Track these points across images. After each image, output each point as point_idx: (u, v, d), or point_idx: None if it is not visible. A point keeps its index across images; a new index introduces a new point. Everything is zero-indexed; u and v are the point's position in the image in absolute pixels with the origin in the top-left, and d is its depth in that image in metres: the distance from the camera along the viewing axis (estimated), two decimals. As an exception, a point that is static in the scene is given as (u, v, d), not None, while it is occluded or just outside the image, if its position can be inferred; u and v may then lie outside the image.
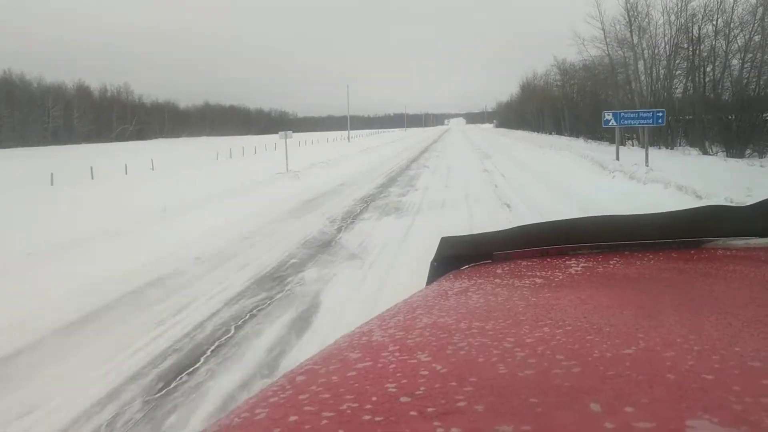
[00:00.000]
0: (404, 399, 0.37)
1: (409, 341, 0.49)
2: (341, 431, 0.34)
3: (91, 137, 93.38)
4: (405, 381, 0.40)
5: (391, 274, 5.81)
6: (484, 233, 0.92)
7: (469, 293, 0.67)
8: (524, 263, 0.83)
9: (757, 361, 0.39)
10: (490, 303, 0.61)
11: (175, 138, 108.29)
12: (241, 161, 27.05)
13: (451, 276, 0.81)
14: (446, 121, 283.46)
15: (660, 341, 0.45)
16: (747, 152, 18.37)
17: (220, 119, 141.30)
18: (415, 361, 0.44)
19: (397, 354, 0.46)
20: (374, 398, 0.37)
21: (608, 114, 15.83)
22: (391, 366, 0.43)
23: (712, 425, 0.30)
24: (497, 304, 0.60)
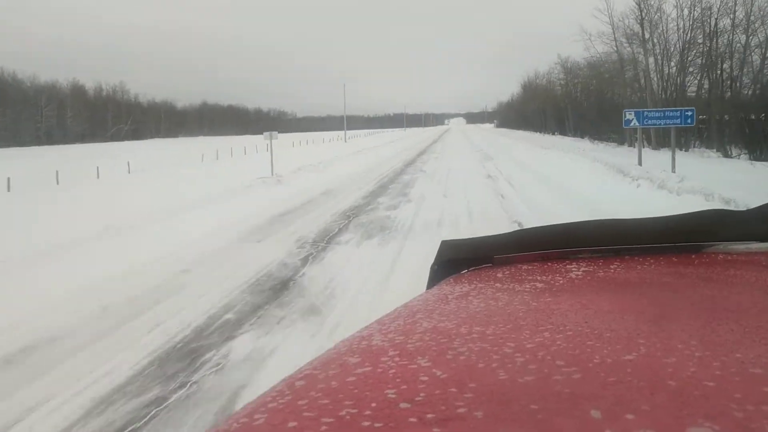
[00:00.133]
0: (404, 405, 0.36)
1: (409, 346, 0.48)
2: None
3: (86, 137, 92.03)
4: (405, 387, 0.39)
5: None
6: (485, 237, 0.92)
7: (470, 297, 0.66)
8: (525, 267, 0.82)
9: (759, 368, 0.39)
10: (491, 307, 0.61)
11: (172, 138, 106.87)
12: (228, 163, 25.46)
13: (452, 280, 0.80)
14: (446, 121, 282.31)
15: (661, 347, 0.44)
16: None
17: (218, 119, 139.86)
18: (415, 367, 0.43)
19: (397, 359, 0.45)
20: (374, 404, 0.37)
21: (629, 113, 13.94)
22: (391, 371, 0.43)
23: None
24: (498, 309, 0.60)
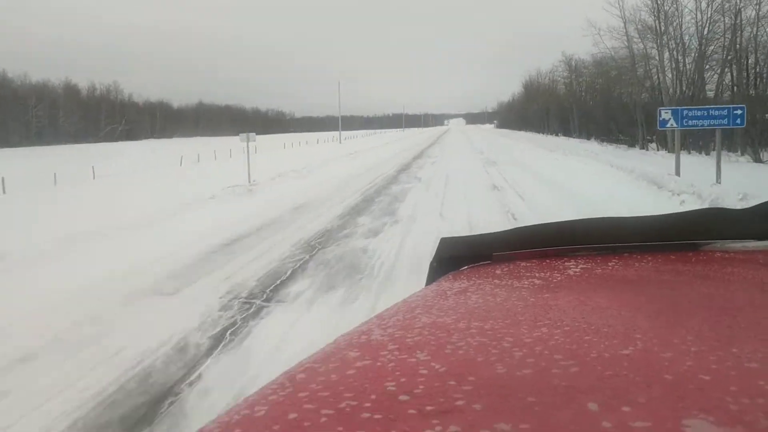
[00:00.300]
0: (403, 397, 0.37)
1: (408, 340, 0.49)
2: (341, 428, 0.33)
3: (78, 137, 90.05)
4: (404, 380, 0.40)
5: None
6: (484, 234, 0.92)
7: (468, 293, 0.66)
8: (523, 264, 0.83)
9: (754, 363, 0.39)
10: (489, 303, 0.61)
11: (167, 138, 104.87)
12: (209, 166, 23.46)
13: (451, 276, 0.80)
14: (446, 122, 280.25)
15: (658, 342, 0.45)
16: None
17: (215, 119, 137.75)
18: (414, 360, 0.43)
19: (396, 353, 0.46)
20: (373, 396, 0.37)
21: (666, 112, 11.68)
22: (390, 365, 0.43)
23: (709, 425, 0.31)
24: (496, 305, 0.60)
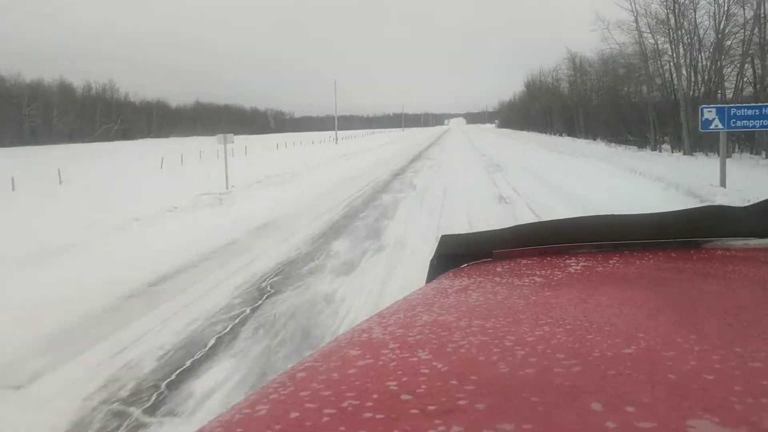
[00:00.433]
0: (405, 397, 0.36)
1: (410, 339, 0.49)
2: (343, 428, 0.33)
3: (73, 137, 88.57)
4: (406, 379, 0.39)
5: None
6: (484, 231, 0.92)
7: (469, 291, 0.66)
8: (524, 262, 0.82)
9: (758, 362, 0.39)
10: (490, 301, 0.61)
11: (164, 138, 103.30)
12: (191, 169, 21.89)
13: (451, 274, 0.80)
14: (446, 122, 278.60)
15: (660, 341, 0.44)
16: None
17: (214, 119, 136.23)
18: (416, 359, 0.43)
19: (398, 351, 0.46)
20: (375, 396, 0.37)
21: (709, 111, 10.02)
22: (392, 364, 0.43)
23: (713, 425, 0.30)
24: (497, 303, 0.60)
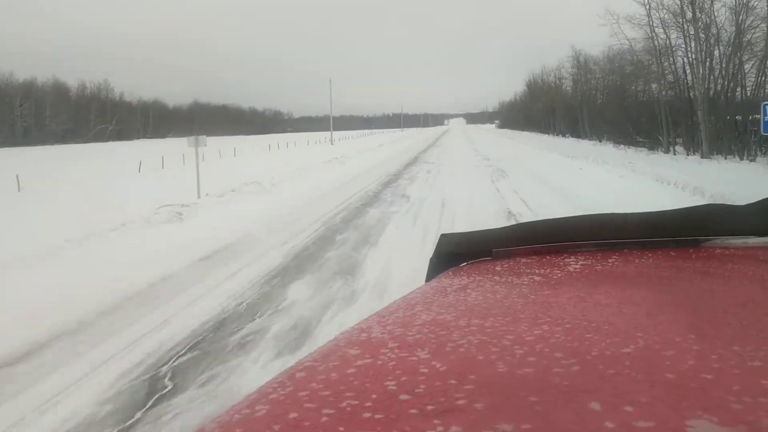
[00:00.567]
0: (404, 397, 0.36)
1: (409, 338, 0.49)
2: (341, 428, 0.33)
3: (66, 137, 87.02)
4: (405, 378, 0.39)
5: None
6: (484, 230, 0.91)
7: (468, 290, 0.66)
8: (523, 261, 0.82)
9: (757, 361, 0.39)
10: (489, 300, 0.61)
11: (160, 138, 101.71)
12: (166, 174, 20.24)
13: (450, 273, 0.80)
14: (446, 122, 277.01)
15: (659, 340, 0.44)
16: None
17: (211, 119, 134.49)
18: (415, 359, 0.43)
19: (397, 351, 0.45)
20: (374, 396, 0.37)
21: None
22: (391, 363, 0.43)
23: (712, 425, 0.30)
24: (496, 302, 0.60)
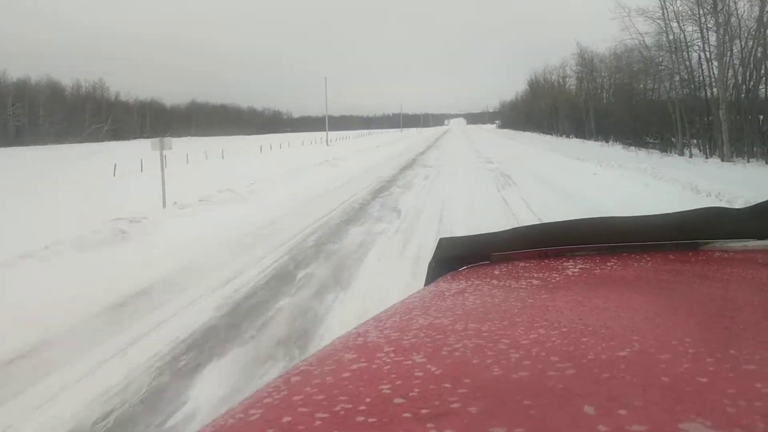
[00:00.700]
0: (398, 400, 0.36)
1: (405, 342, 0.49)
2: None
3: (61, 137, 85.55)
4: (399, 382, 0.39)
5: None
6: (483, 234, 0.91)
7: (466, 294, 0.66)
8: (522, 265, 0.82)
9: (752, 365, 0.39)
10: (487, 304, 0.61)
11: (156, 139, 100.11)
12: (146, 176, 18.65)
13: (449, 277, 0.80)
14: (446, 122, 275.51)
15: (655, 343, 0.44)
16: None
17: (209, 119, 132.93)
18: (410, 363, 0.43)
19: (392, 355, 0.45)
20: (368, 399, 0.37)
21: None
22: (386, 367, 0.43)
23: (705, 428, 0.30)
24: (493, 306, 0.60)
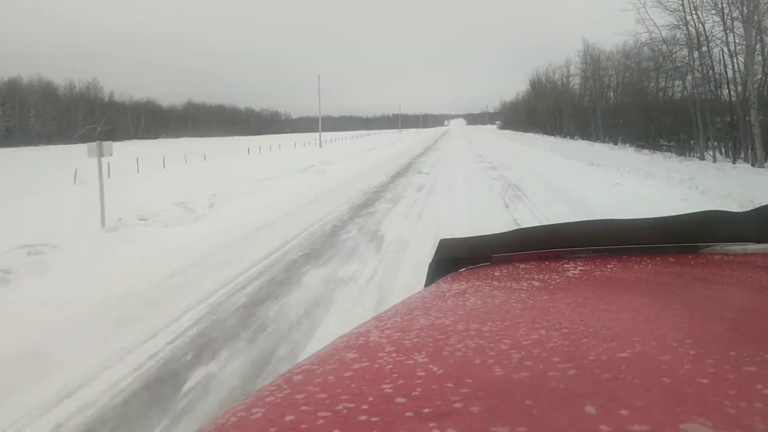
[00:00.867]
0: (400, 400, 0.36)
1: (406, 342, 0.49)
2: (337, 431, 0.33)
3: (52, 138, 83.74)
4: (401, 382, 0.39)
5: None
6: (483, 236, 0.91)
7: (467, 295, 0.66)
8: (522, 266, 0.82)
9: (753, 366, 0.39)
10: (488, 305, 0.61)
11: (151, 139, 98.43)
12: (115, 182, 16.80)
13: (449, 278, 0.80)
14: (446, 122, 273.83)
15: (656, 345, 0.44)
16: None
17: (207, 119, 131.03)
18: (412, 362, 0.43)
19: (394, 355, 0.46)
20: (370, 399, 0.37)
21: None
22: (388, 367, 0.43)
23: (706, 429, 0.30)
24: (494, 307, 0.60)
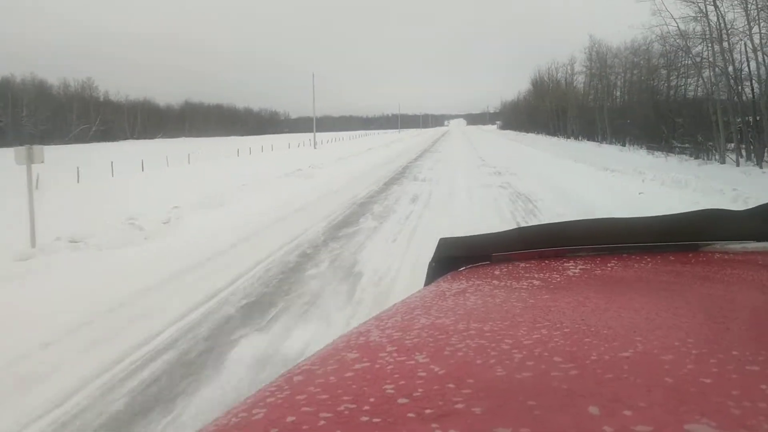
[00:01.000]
0: (402, 400, 0.36)
1: (407, 342, 0.49)
2: None
3: (45, 138, 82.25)
4: (403, 382, 0.39)
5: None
6: (483, 234, 0.91)
7: (467, 294, 0.66)
8: (522, 265, 0.82)
9: (756, 366, 0.39)
10: (488, 304, 0.61)
11: (148, 139, 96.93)
12: (84, 187, 15.29)
13: (449, 277, 0.79)
14: (446, 122, 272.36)
15: (658, 344, 0.44)
16: None
17: (204, 119, 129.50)
18: (413, 363, 0.43)
19: (395, 355, 0.45)
20: (372, 399, 0.37)
21: None
22: (389, 367, 0.43)
23: (710, 429, 0.30)
24: (495, 306, 0.60)
